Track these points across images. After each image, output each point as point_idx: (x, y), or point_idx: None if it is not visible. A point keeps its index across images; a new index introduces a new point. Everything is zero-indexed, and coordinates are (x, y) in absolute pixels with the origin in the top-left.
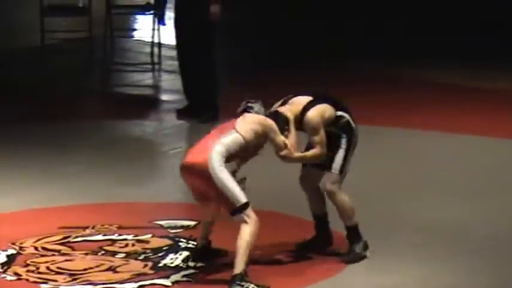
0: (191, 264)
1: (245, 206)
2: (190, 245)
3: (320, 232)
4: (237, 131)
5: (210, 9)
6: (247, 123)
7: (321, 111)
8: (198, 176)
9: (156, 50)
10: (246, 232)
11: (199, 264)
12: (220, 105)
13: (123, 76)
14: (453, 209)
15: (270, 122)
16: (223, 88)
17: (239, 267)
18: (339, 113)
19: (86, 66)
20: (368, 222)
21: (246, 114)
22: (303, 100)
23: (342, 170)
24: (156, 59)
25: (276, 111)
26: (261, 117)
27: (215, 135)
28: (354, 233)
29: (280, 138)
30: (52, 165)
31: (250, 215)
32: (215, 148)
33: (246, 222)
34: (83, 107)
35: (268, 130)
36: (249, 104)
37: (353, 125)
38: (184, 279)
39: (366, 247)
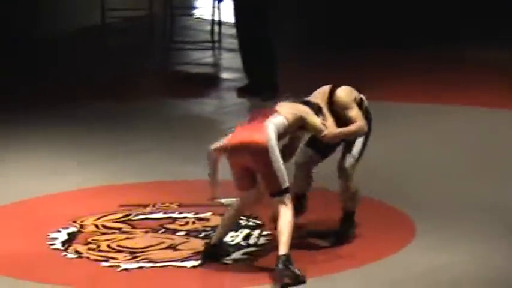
0: (251, 242)
1: (287, 190)
2: (250, 223)
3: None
4: (281, 114)
5: None
6: (287, 109)
7: (348, 89)
8: (253, 155)
9: (216, 28)
10: (288, 214)
11: (260, 242)
12: (279, 84)
13: (183, 54)
14: None
15: (306, 107)
16: (283, 66)
17: (285, 248)
18: (362, 95)
19: (146, 45)
20: (433, 200)
21: (282, 103)
22: (324, 88)
23: (360, 155)
24: (216, 37)
25: (307, 100)
26: (297, 104)
27: (259, 121)
28: (350, 219)
29: (318, 119)
30: (113, 143)
31: (289, 200)
32: (270, 127)
33: (286, 204)
34: (143, 85)
35: (305, 114)
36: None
37: (370, 111)
38: (245, 257)
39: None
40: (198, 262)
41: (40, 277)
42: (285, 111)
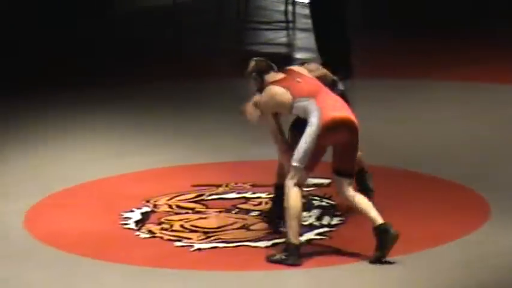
0: (325, 222)
1: None
2: (324, 203)
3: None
4: None
5: None
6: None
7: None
8: (352, 133)
9: (290, 8)
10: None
11: (333, 222)
12: (354, 63)
13: (257, 34)
14: None
15: None
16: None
17: (379, 218)
18: (335, 77)
19: (220, 25)
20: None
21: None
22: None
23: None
24: (290, 17)
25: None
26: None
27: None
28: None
29: None
30: (185, 123)
31: None
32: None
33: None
34: (217, 65)
35: None
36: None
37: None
38: (318, 237)
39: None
40: (271, 242)
41: (113, 257)
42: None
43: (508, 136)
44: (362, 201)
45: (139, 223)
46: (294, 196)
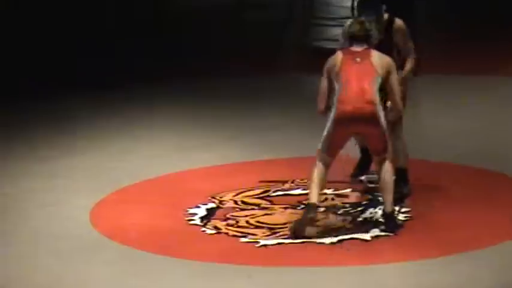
0: None
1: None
2: None
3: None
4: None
5: None
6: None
7: None
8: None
9: (355, 3)
10: (392, 170)
11: (399, 218)
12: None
13: (323, 30)
14: None
15: None
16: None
17: (392, 206)
18: None
19: (286, 21)
20: None
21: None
22: None
23: None
24: (356, 13)
25: None
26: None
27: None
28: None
29: None
30: (252, 119)
31: None
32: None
33: (390, 159)
34: (282, 61)
35: None
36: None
37: None
38: (384, 233)
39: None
40: (337, 239)
41: (179, 253)
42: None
43: None
44: (386, 181)
45: (205, 219)
46: (312, 170)
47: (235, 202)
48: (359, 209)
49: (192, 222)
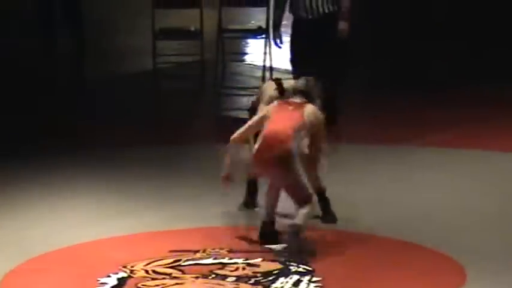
0: (302, 286)
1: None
2: (301, 269)
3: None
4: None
5: (338, 26)
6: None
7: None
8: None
9: (267, 74)
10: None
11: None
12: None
13: (234, 100)
14: None
15: None
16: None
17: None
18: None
19: (198, 90)
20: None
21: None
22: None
23: None
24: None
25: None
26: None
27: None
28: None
29: None
30: (164, 188)
31: None
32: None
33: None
34: (195, 130)
35: None
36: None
37: None
38: None
39: None
40: None
41: None
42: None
43: (479, 202)
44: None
45: None
46: None
47: (146, 271)
48: (270, 278)
49: None
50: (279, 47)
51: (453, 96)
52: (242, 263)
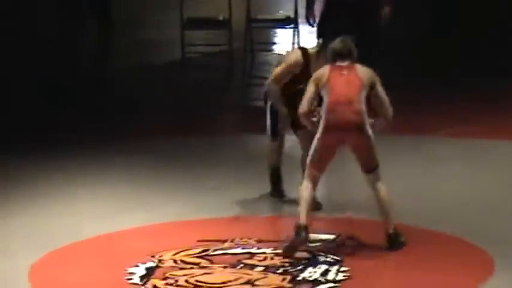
0: (330, 278)
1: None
2: (329, 259)
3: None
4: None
5: (382, 11)
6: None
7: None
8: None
9: None
10: (387, 191)
11: (338, 278)
12: None
13: (262, 90)
14: None
15: None
16: None
17: (393, 224)
18: None
19: (226, 80)
20: None
21: None
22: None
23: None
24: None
25: None
26: None
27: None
28: None
29: None
30: (192, 179)
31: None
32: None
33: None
34: (223, 121)
35: None
36: None
37: None
38: None
39: None
40: None
41: None
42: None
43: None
44: (383, 199)
45: (144, 278)
46: (302, 187)
47: (175, 261)
48: (298, 267)
49: (131, 281)
50: (312, 26)
51: (474, 88)
52: (270, 253)
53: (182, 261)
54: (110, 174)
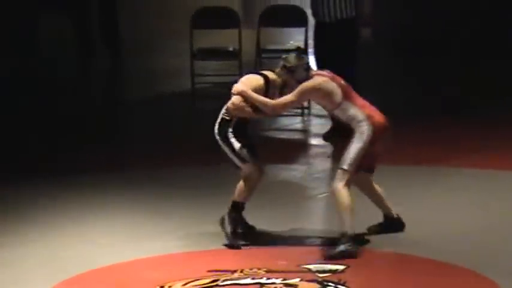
0: None
1: None
2: None
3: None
4: None
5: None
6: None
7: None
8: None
9: None
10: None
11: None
12: None
13: (272, 120)
14: None
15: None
16: None
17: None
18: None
19: None
20: None
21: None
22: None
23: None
24: (305, 104)
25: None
26: None
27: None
28: None
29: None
30: (200, 208)
31: None
32: None
33: None
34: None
35: None
36: None
37: None
38: None
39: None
40: None
41: None
42: None
43: None
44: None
45: None
46: (345, 195)
47: None
48: None
49: None
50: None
51: (483, 116)
52: (280, 283)
53: None
54: (120, 203)
